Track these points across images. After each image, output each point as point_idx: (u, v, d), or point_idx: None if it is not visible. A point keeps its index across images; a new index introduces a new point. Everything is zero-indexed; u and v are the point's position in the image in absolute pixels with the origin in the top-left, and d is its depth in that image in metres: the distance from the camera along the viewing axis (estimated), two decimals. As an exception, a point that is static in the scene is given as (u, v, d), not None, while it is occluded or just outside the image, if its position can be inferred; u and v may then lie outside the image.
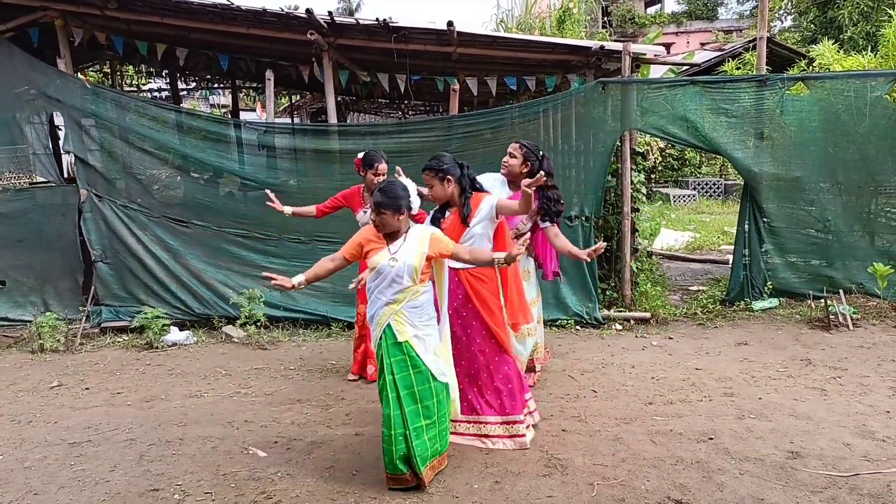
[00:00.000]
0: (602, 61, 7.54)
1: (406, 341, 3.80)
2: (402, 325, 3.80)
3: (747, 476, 3.88)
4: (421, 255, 3.80)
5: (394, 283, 3.78)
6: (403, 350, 3.80)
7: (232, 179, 7.61)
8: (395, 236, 3.84)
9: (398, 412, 3.77)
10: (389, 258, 3.78)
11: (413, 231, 3.87)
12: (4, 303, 7.26)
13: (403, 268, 3.76)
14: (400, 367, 3.79)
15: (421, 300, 3.85)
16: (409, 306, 3.81)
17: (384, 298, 3.81)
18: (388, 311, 3.81)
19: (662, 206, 15.41)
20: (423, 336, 3.85)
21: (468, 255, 3.94)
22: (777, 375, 5.43)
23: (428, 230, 3.92)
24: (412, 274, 3.78)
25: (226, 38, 7.75)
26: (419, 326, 3.84)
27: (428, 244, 3.82)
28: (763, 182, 7.07)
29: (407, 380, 3.79)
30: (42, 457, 4.41)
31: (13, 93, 7.09)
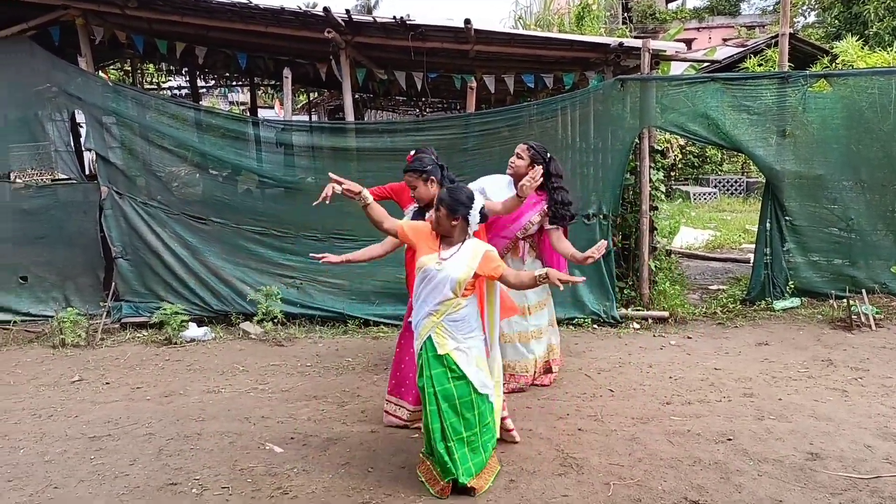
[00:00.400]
0: (621, 58, 7.49)
1: (447, 354, 3.75)
2: (443, 337, 3.75)
3: (766, 477, 3.84)
4: (468, 270, 3.71)
5: (436, 290, 3.74)
6: (444, 362, 3.75)
7: (250, 177, 7.65)
8: (450, 243, 3.79)
9: (438, 425, 3.75)
10: (437, 262, 3.75)
11: (468, 244, 3.79)
12: (27, 298, 7.35)
13: (447, 278, 3.70)
14: (440, 380, 3.75)
15: (461, 313, 3.78)
16: (449, 319, 3.75)
17: (426, 309, 3.77)
18: (428, 323, 3.77)
19: (682, 205, 15.28)
20: (464, 348, 3.79)
21: (514, 280, 3.80)
22: (798, 376, 5.37)
23: (483, 247, 3.81)
24: (454, 287, 3.71)
25: (244, 37, 7.79)
26: (460, 339, 3.78)
27: (478, 261, 3.72)
28: (785, 180, 6.98)
29: (447, 391, 3.75)
30: (62, 450, 4.47)
31: (35, 90, 7.16)
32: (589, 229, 6.96)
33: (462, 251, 3.75)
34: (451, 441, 3.73)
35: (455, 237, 3.79)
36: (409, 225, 3.97)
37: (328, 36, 6.87)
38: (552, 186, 4.94)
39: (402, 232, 3.93)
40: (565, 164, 7.12)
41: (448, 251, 3.77)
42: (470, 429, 3.80)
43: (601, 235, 6.92)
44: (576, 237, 6.88)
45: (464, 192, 3.77)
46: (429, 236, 3.85)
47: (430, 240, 3.85)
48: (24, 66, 7.12)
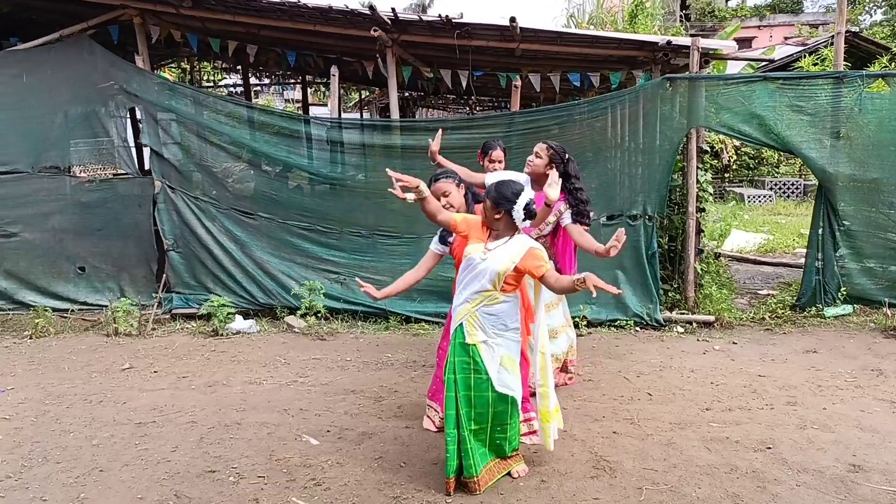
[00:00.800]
0: (669, 57, 7.38)
1: (474, 345, 3.76)
2: (474, 327, 3.77)
3: (804, 488, 3.74)
4: (510, 263, 3.69)
5: (476, 279, 3.76)
6: (469, 353, 3.77)
7: (300, 174, 7.79)
8: (497, 236, 3.79)
9: (453, 412, 3.78)
10: (482, 252, 3.77)
11: (516, 238, 3.78)
12: (84, 288, 7.64)
13: (488, 269, 3.71)
14: (462, 369, 3.78)
15: (497, 308, 3.77)
16: (484, 311, 3.76)
17: (465, 294, 3.80)
18: (463, 311, 3.79)
19: (735, 207, 14.94)
20: (492, 344, 3.79)
21: (554, 282, 3.72)
22: (845, 385, 5.21)
23: (529, 243, 3.78)
24: (494, 278, 3.71)
25: (293, 35, 7.94)
26: (490, 334, 3.78)
27: (521, 256, 3.69)
28: (839, 183, 6.77)
29: (467, 382, 3.77)
30: (110, 435, 4.63)
31: (95, 88, 7.43)
32: (633, 230, 6.87)
33: (508, 245, 3.75)
34: (463, 430, 3.74)
35: (501, 230, 3.78)
36: (463, 216, 4.00)
37: (374, 34, 6.95)
38: (572, 187, 4.88)
39: (455, 223, 3.94)
40: (611, 163, 7.09)
41: (494, 243, 3.77)
42: (480, 423, 3.80)
43: (645, 237, 6.84)
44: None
45: (510, 186, 3.74)
46: (480, 229, 3.87)
47: (480, 231, 3.86)
48: (84, 64, 7.39)
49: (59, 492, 3.90)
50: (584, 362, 5.86)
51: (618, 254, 4.07)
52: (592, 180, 7.08)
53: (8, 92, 7.45)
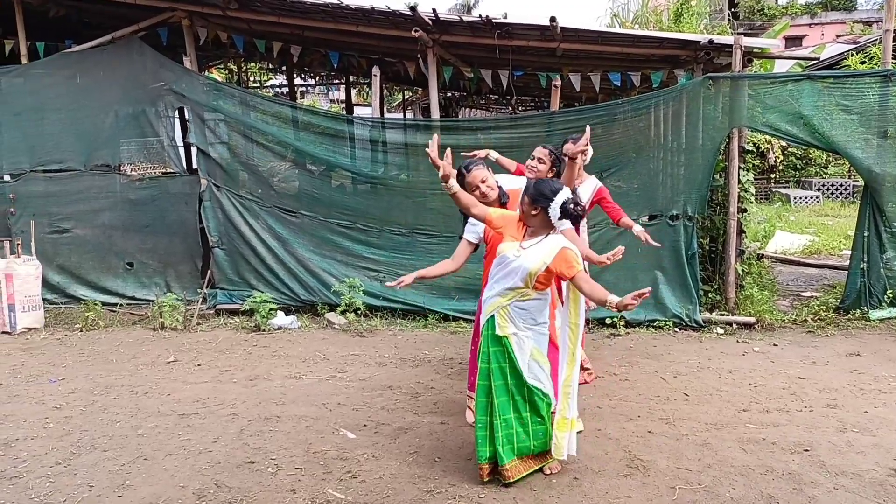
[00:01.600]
0: (713, 56, 7.29)
1: (505, 336, 3.83)
2: (505, 320, 3.83)
3: (842, 491, 3.69)
4: (542, 263, 3.72)
5: (508, 276, 3.81)
6: (502, 343, 3.84)
7: (342, 174, 7.92)
8: (534, 234, 3.83)
9: (485, 399, 3.84)
10: (516, 249, 3.81)
11: (551, 238, 3.80)
12: (132, 283, 7.89)
13: (521, 267, 3.76)
14: (497, 358, 3.84)
15: (528, 304, 3.82)
16: (516, 306, 3.82)
17: (496, 289, 3.85)
18: (495, 304, 3.85)
19: (781, 208, 14.66)
20: (522, 336, 3.84)
21: (587, 287, 3.71)
22: (888, 389, 5.11)
23: (562, 243, 3.78)
24: (525, 277, 3.75)
25: (336, 36, 8.07)
26: (521, 327, 3.84)
27: (553, 256, 3.72)
28: (886, 184, 6.62)
29: (503, 371, 3.83)
30: (154, 426, 4.79)
31: (145, 88, 7.66)
32: (673, 231, 6.83)
33: (542, 244, 3.78)
34: (497, 419, 3.79)
35: (537, 228, 3.81)
36: (499, 212, 4.03)
37: (416, 35, 7.02)
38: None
39: (490, 217, 3.98)
40: (652, 163, 7.05)
41: (529, 241, 3.81)
42: (518, 411, 3.85)
43: (685, 237, 6.79)
44: (659, 238, 6.80)
45: (549, 184, 3.78)
46: (515, 225, 3.90)
47: (516, 229, 3.90)
48: (134, 66, 7.64)
49: (105, 478, 4.05)
50: (621, 362, 5.86)
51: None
52: (633, 180, 7.07)
53: (63, 92, 7.74)
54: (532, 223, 3.81)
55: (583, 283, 3.72)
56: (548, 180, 3.85)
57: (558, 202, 3.70)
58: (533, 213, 3.76)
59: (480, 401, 3.86)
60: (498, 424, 3.80)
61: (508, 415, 3.83)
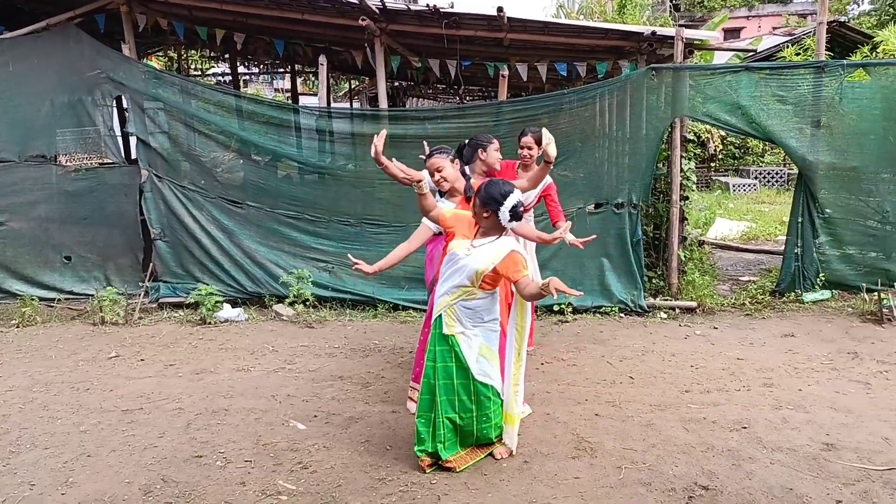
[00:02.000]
0: (656, 47, 7.43)
1: (452, 335, 3.86)
2: (452, 319, 3.86)
3: (778, 465, 3.85)
4: (489, 263, 3.75)
5: (455, 274, 3.83)
6: (449, 342, 3.86)
7: (288, 164, 7.82)
8: (485, 234, 3.85)
9: (429, 397, 3.88)
10: (466, 248, 3.83)
11: (502, 240, 3.83)
12: (70, 277, 7.65)
13: (467, 266, 3.79)
14: (443, 357, 3.87)
15: (474, 303, 3.86)
16: (462, 305, 3.85)
17: (445, 287, 3.88)
18: (443, 302, 3.88)
19: (720, 196, 15.07)
20: (469, 335, 3.88)
21: (524, 289, 3.73)
22: (821, 368, 5.33)
23: (511, 246, 3.80)
24: (472, 276, 3.78)
25: (281, 24, 7.94)
26: (467, 326, 3.88)
27: (501, 258, 3.74)
28: (818, 171, 6.87)
29: (448, 371, 3.86)
30: (97, 422, 4.68)
31: (81, 77, 7.41)
32: (618, 218, 6.96)
33: (493, 245, 3.80)
34: (439, 417, 3.84)
35: (488, 229, 3.84)
36: (452, 212, 4.06)
37: (362, 24, 6.97)
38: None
39: (444, 218, 4.02)
40: (598, 152, 7.15)
41: (480, 241, 3.84)
42: (465, 411, 3.90)
43: (630, 225, 6.93)
44: (605, 226, 6.95)
45: (499, 187, 3.77)
46: (468, 225, 3.93)
47: (468, 228, 3.93)
48: (71, 53, 7.38)
49: (48, 476, 3.95)
50: (568, 348, 5.96)
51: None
52: (580, 169, 7.17)
53: (-5, 80, 7.44)
54: (483, 224, 3.85)
55: (523, 287, 3.72)
56: (498, 182, 3.85)
57: (508, 206, 3.73)
58: (484, 216, 3.80)
59: (424, 398, 3.90)
60: (440, 422, 3.85)
61: (452, 414, 3.88)
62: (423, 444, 3.90)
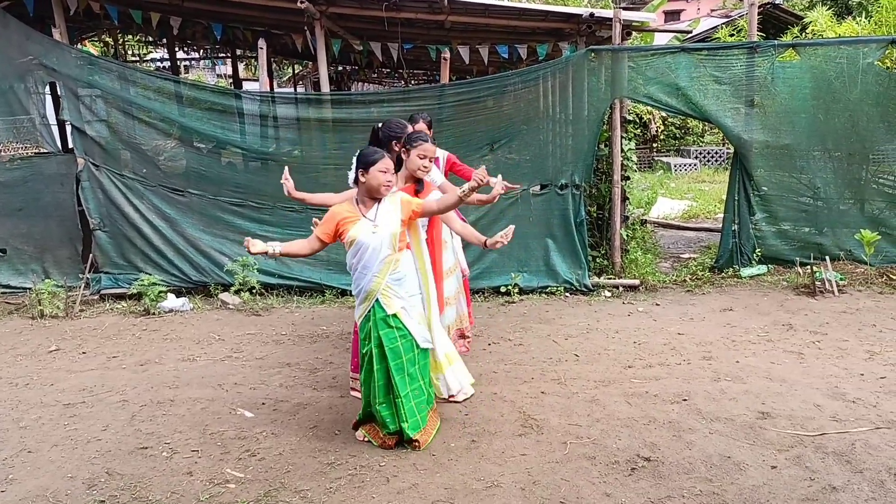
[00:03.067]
0: (595, 29, 7.53)
1: (395, 314, 3.89)
2: (389, 297, 3.89)
3: (716, 435, 3.99)
4: (397, 221, 3.86)
5: (376, 253, 3.84)
6: (392, 323, 3.89)
7: (232, 151, 7.69)
8: (371, 204, 3.90)
9: (384, 381, 3.91)
10: (371, 228, 3.84)
11: (384, 200, 3.91)
12: (5, 270, 7.42)
13: (383, 237, 3.83)
14: (390, 338, 3.89)
15: (401, 271, 3.92)
16: (393, 279, 3.89)
17: (371, 272, 3.87)
18: (374, 286, 3.88)
19: (663, 176, 15.39)
20: (408, 307, 3.94)
21: (437, 206, 3.96)
22: (757, 340, 5.52)
23: (397, 195, 3.94)
24: (392, 242, 3.84)
25: (218, 7, 7.79)
26: (405, 297, 3.94)
27: (398, 209, 3.88)
28: (753, 149, 7.08)
29: (396, 350, 3.90)
30: (37, 417, 4.57)
31: (12, 63, 7.14)
32: (562, 199, 7.06)
33: (385, 205, 3.89)
34: (398, 397, 3.88)
35: (367, 198, 3.89)
36: (323, 225, 3.94)
37: (301, 6, 6.88)
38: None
39: (325, 237, 3.93)
40: (542, 134, 7.23)
41: (372, 212, 3.87)
42: (414, 383, 3.97)
43: (573, 205, 7.03)
44: (549, 207, 7.05)
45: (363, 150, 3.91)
46: (342, 212, 3.89)
47: (350, 214, 3.89)
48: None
49: (-13, 474, 3.86)
50: (514, 328, 6.04)
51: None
52: (524, 151, 7.25)
53: (-84, 68, 7.12)
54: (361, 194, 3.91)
55: (432, 205, 3.95)
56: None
57: (353, 166, 3.89)
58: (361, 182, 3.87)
59: (380, 384, 3.91)
60: (401, 402, 3.89)
61: (406, 390, 3.92)
62: (386, 429, 3.94)
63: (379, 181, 3.81)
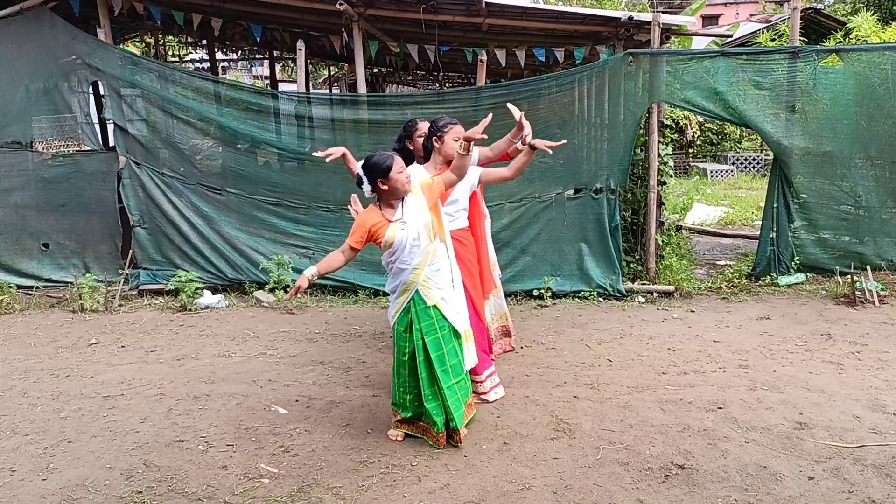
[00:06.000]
0: (633, 32, 7.48)
1: (434, 305, 3.91)
2: (429, 289, 3.90)
3: (752, 444, 3.93)
4: (425, 211, 3.88)
5: (413, 249, 3.86)
6: (432, 314, 3.91)
7: (268, 150, 7.78)
8: (392, 206, 3.91)
9: (427, 374, 3.93)
10: (400, 227, 3.85)
11: (409, 196, 3.93)
12: (48, 265, 7.59)
13: (419, 231, 3.85)
14: (430, 331, 3.91)
15: (439, 262, 3.95)
16: (432, 270, 3.91)
17: (410, 266, 3.89)
18: (414, 279, 3.89)
19: (699, 182, 15.21)
20: (448, 297, 3.97)
21: (457, 171, 3.94)
22: (795, 349, 5.43)
23: (415, 186, 3.95)
24: (427, 232, 3.88)
25: (259, 9, 7.89)
26: (445, 288, 3.97)
27: (425, 199, 3.90)
28: (793, 156, 6.97)
29: (437, 342, 3.92)
30: (77, 408, 4.68)
31: (57, 62, 7.32)
32: (597, 204, 7.02)
33: (409, 201, 3.90)
34: (444, 389, 3.90)
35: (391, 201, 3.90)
36: (352, 237, 3.90)
37: (340, 8, 6.94)
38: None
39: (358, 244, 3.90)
40: (577, 138, 7.18)
41: (399, 213, 3.88)
42: (458, 374, 3.99)
43: (608, 210, 6.98)
44: (584, 211, 7.02)
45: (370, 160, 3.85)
46: (371, 219, 3.87)
47: (376, 219, 3.88)
48: (45, 38, 7.29)
49: (28, 462, 3.95)
50: (547, 332, 6.02)
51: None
52: (558, 155, 7.19)
53: (-33, 66, 7.33)
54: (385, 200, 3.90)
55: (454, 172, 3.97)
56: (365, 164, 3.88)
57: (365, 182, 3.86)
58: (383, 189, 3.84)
59: (423, 376, 3.93)
60: (446, 393, 3.91)
61: (450, 382, 3.95)
62: (436, 426, 3.96)
63: (401, 182, 3.82)
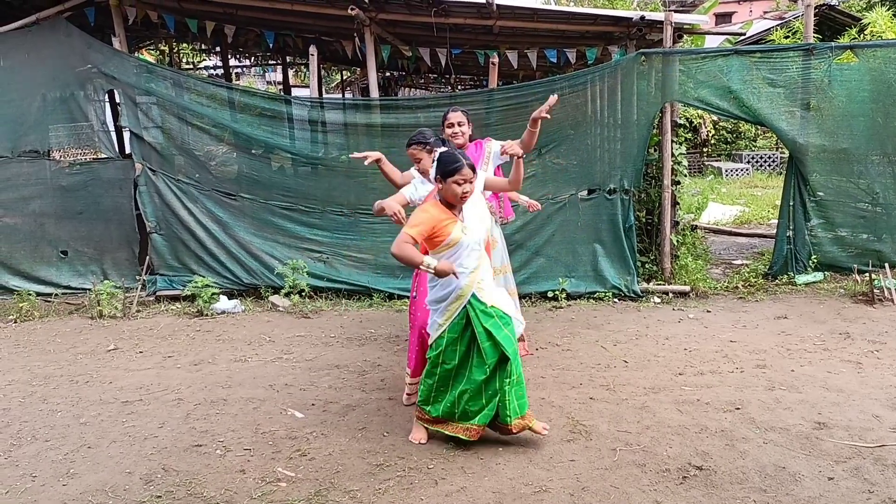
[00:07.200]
0: (645, 32, 7.46)
1: (493, 305, 3.91)
2: (483, 290, 3.91)
3: (771, 445, 3.90)
4: (486, 212, 3.96)
5: (472, 251, 3.86)
6: (494, 313, 3.91)
7: (281, 155, 7.83)
8: (458, 206, 3.89)
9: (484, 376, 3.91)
10: (461, 230, 3.84)
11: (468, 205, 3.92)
12: (67, 272, 7.67)
13: (480, 233, 3.89)
14: (496, 328, 3.88)
15: (486, 264, 4.00)
16: (484, 272, 3.94)
17: (467, 270, 3.85)
18: (469, 281, 3.86)
19: (713, 181, 15.13)
20: (497, 295, 4.00)
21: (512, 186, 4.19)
22: (813, 349, 5.39)
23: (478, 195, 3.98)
24: (486, 236, 3.94)
25: (271, 15, 7.94)
26: (493, 286, 4.03)
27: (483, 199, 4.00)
28: (809, 154, 6.92)
29: (508, 338, 3.90)
30: (96, 414, 4.72)
31: (73, 71, 7.40)
32: (610, 204, 7.01)
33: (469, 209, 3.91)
34: (503, 388, 3.91)
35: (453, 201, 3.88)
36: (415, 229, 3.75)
37: (352, 13, 6.97)
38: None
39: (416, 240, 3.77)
40: (590, 139, 7.17)
41: (461, 222, 3.87)
42: (518, 369, 3.99)
43: (622, 210, 6.97)
44: (598, 212, 7.01)
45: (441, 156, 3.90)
46: (438, 214, 3.83)
47: (444, 215, 3.85)
48: (61, 47, 7.38)
49: (49, 468, 3.99)
50: (562, 333, 6.01)
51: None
52: (572, 156, 7.21)
53: (-15, 76, 7.43)
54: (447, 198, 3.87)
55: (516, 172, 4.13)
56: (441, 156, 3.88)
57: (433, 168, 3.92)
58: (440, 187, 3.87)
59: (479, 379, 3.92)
60: (507, 389, 3.91)
61: (511, 377, 3.93)
62: (487, 415, 3.94)
63: (456, 193, 3.77)
